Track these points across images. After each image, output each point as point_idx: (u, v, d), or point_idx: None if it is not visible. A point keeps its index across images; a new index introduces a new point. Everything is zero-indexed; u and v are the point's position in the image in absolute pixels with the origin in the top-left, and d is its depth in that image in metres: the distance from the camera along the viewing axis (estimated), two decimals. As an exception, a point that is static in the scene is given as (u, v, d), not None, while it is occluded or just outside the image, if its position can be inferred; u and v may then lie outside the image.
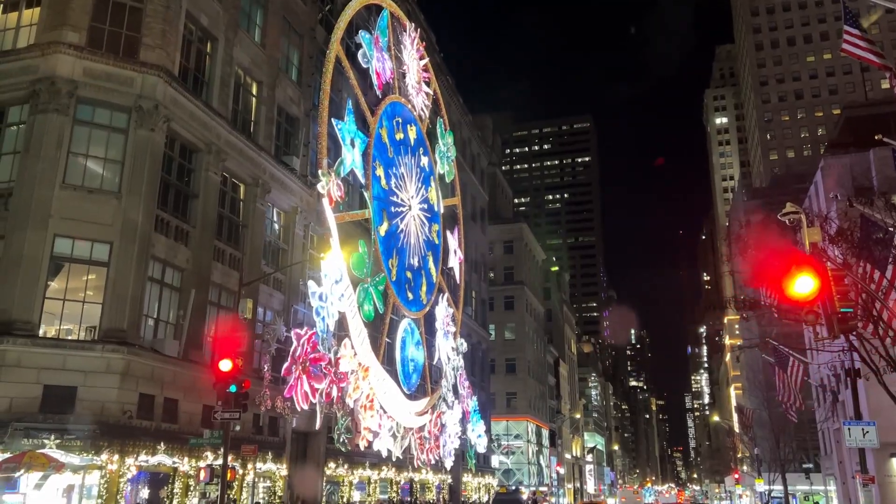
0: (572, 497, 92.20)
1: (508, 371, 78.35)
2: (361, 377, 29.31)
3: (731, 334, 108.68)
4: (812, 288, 13.04)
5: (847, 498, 41.67)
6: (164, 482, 22.99)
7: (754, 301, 23.79)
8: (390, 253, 33.55)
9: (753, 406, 58.41)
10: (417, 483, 43.27)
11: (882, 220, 18.67)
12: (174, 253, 24.44)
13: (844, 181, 36.27)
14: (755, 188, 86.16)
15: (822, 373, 41.83)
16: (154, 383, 22.67)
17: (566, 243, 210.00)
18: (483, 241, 68.07)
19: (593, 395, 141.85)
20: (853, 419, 25.54)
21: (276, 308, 29.74)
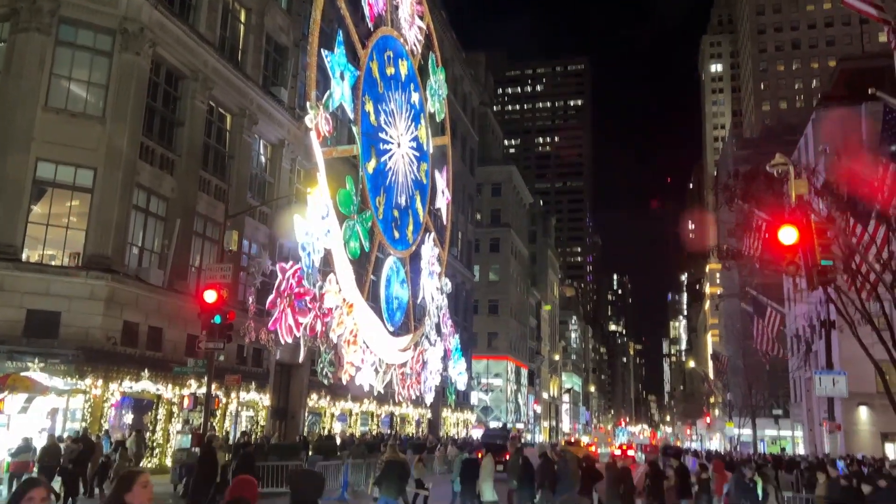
0: (547, 434, 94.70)
1: (491, 312, 79.24)
2: (346, 313, 29.54)
3: (712, 283, 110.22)
4: (795, 239, 13.18)
5: (812, 444, 43.12)
6: (148, 408, 23.33)
7: (737, 251, 24.05)
8: (378, 191, 33.37)
9: (729, 353, 59.82)
10: (398, 416, 44.21)
11: (869, 175, 18.76)
12: (159, 181, 24.18)
13: (835, 134, 36.26)
14: (745, 138, 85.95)
15: (797, 323, 42.71)
16: (138, 311, 22.75)
17: (554, 187, 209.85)
18: (471, 183, 67.82)
19: (573, 338, 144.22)
20: (825, 369, 26.24)
21: (262, 241, 29.70)
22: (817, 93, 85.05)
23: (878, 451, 34.36)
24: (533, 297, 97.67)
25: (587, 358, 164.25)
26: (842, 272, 17.93)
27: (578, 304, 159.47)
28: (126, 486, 4.24)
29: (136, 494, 4.23)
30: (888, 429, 33.70)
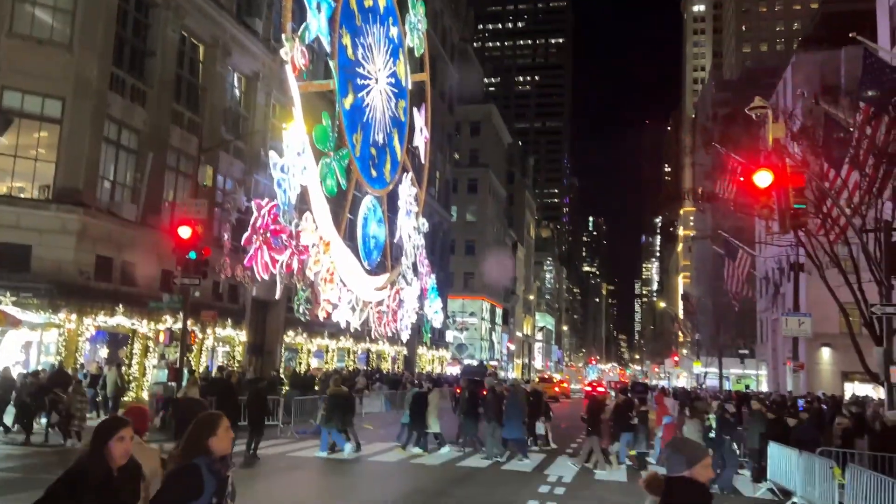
0: (520, 371, 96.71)
1: (468, 252, 79.66)
2: (322, 251, 29.44)
3: (686, 225, 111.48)
4: (770, 183, 13.32)
5: (776, 382, 44.61)
6: (124, 343, 23.35)
7: (712, 193, 24.26)
8: (355, 127, 32.84)
9: (699, 294, 61.02)
10: (374, 353, 44.78)
11: (845, 120, 18.87)
12: (130, 113, 23.60)
13: (813, 78, 36.26)
14: (725, 80, 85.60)
15: (767, 266, 43.57)
16: (112, 245, 22.51)
17: (533, 127, 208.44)
18: (450, 121, 67.13)
19: (548, 279, 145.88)
20: (792, 311, 26.94)
21: (237, 177, 29.30)
22: (798, 35, 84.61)
23: (838, 390, 35.67)
24: (509, 238, 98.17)
25: (561, 298, 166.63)
26: (813, 216, 18.21)
27: (554, 245, 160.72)
28: (211, 429, 3.93)
29: (221, 439, 3.94)
30: (849, 368, 34.89)
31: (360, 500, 11.68)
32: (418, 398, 17.39)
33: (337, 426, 15.86)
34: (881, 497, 9.21)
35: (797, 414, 14.66)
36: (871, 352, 17.44)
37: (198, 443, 3.89)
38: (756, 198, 14.96)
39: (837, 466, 10.88)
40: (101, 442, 3.85)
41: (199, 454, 3.84)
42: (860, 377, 30.71)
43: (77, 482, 3.73)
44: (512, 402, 17.10)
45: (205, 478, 3.77)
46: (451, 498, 11.97)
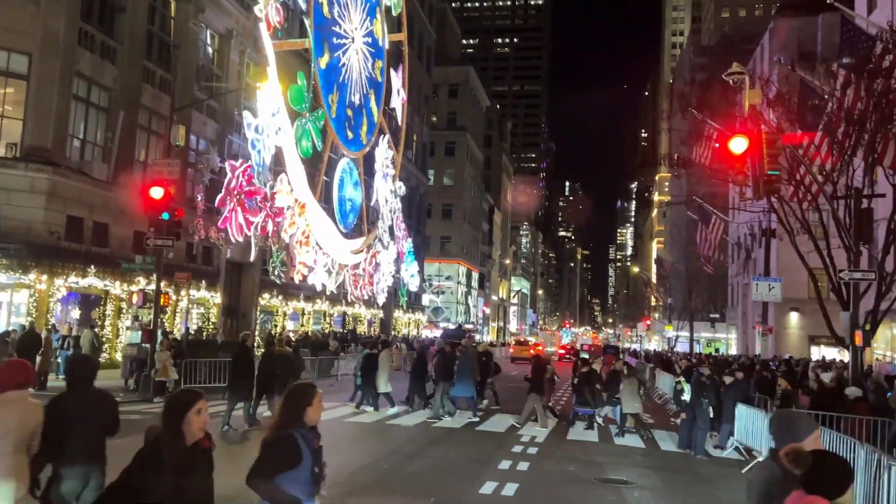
0: (495, 334, 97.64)
1: (444, 216, 79.57)
2: (298, 213, 29.21)
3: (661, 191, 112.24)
4: (745, 149, 13.40)
5: (745, 345, 45.58)
6: (96, 304, 23.12)
7: (687, 159, 24.38)
8: (331, 88, 32.35)
9: (672, 259, 61.72)
10: (350, 316, 44.85)
11: (820, 87, 18.97)
12: (100, 70, 23.01)
13: (790, 45, 36.37)
14: (703, 46, 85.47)
15: (739, 232, 44.16)
16: (82, 206, 22.13)
17: (511, 90, 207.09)
18: (428, 83, 66.40)
19: (523, 243, 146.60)
20: (763, 276, 27.39)
21: (210, 137, 28.83)
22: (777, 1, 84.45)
23: (805, 353, 36.58)
24: (486, 202, 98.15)
25: (536, 262, 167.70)
26: (786, 183, 18.40)
27: (530, 210, 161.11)
28: (308, 400, 4.03)
29: (316, 410, 4.05)
30: (815, 332, 35.74)
31: (338, 461, 11.79)
32: (368, 359, 17.74)
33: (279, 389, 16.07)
34: (843, 456, 9.50)
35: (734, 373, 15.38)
36: (837, 316, 17.83)
37: (295, 413, 3.98)
38: (731, 164, 15.07)
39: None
40: (178, 417, 3.76)
41: (296, 424, 3.94)
42: (826, 341, 31.51)
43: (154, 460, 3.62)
44: (463, 363, 17.58)
45: (301, 448, 3.88)
46: (428, 458, 12.15)
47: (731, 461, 13.39)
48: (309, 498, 3.92)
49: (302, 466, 3.86)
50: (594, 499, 9.74)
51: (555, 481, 10.71)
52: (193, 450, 3.80)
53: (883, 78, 16.78)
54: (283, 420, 3.99)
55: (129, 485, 3.63)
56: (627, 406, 15.74)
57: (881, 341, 28.80)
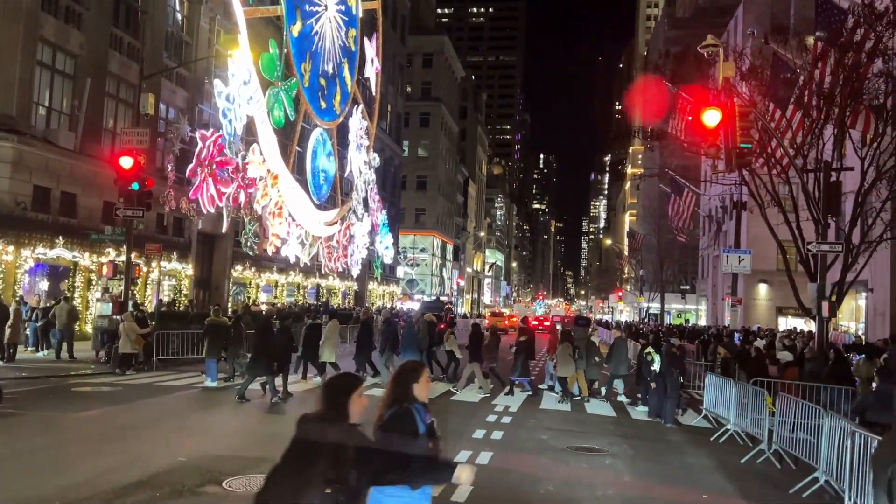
0: (469, 306, 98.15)
1: (419, 188, 79.32)
2: (270, 184, 28.87)
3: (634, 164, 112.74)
4: (718, 121, 13.49)
5: (714, 316, 46.37)
6: (65, 275, 22.75)
7: (661, 132, 24.51)
8: (303, 56, 31.81)
9: (644, 232, 62.35)
10: (324, 288, 44.72)
11: (792, 61, 19.12)
12: (66, 36, 22.37)
13: (763, 18, 36.53)
14: (678, 18, 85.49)
15: (711, 204, 44.65)
16: (49, 175, 21.66)
17: (486, 61, 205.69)
18: (402, 53, 65.66)
19: (498, 215, 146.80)
20: (733, 248, 27.79)
21: (180, 106, 28.29)
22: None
23: (773, 324, 37.33)
24: (461, 174, 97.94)
25: (510, 235, 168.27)
26: (758, 156, 18.59)
27: (505, 182, 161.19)
28: (415, 377, 4.15)
29: (423, 387, 4.14)
30: (783, 303, 36.47)
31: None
32: (311, 329, 17.87)
33: (215, 355, 16.14)
34: (807, 424, 9.76)
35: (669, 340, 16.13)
36: (805, 288, 18.19)
37: (404, 389, 4.11)
38: (704, 136, 15.18)
39: (769, 396, 11.45)
40: (344, 399, 3.73)
41: (407, 399, 4.06)
42: (794, 311, 32.15)
43: (313, 443, 3.55)
44: (408, 333, 17.85)
45: (418, 422, 3.99)
46: (401, 428, 12.23)
47: (700, 429, 13.68)
48: None
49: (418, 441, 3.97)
50: (567, 467, 9.91)
51: (528, 450, 10.86)
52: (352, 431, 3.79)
53: (854, 52, 16.95)
54: (397, 395, 4.12)
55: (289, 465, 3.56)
56: (562, 370, 16.44)
57: (846, 312, 29.48)
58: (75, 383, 15.53)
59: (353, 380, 3.92)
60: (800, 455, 9.89)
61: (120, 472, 8.27)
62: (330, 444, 3.50)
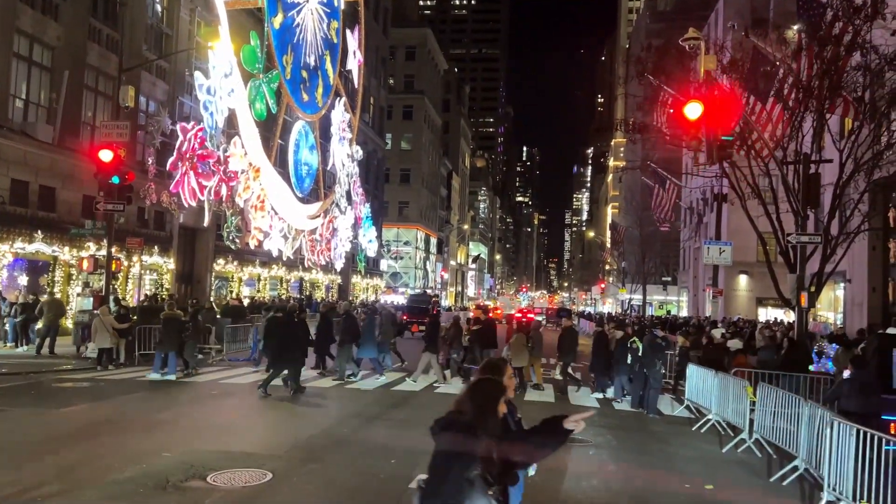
0: (453, 299, 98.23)
1: (402, 181, 79.14)
2: (252, 177, 28.72)
3: (616, 156, 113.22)
4: (699, 114, 13.58)
5: (696, 307, 46.78)
6: (44, 270, 22.49)
7: (643, 124, 24.60)
8: (285, 48, 31.61)
9: (627, 224, 62.68)
10: (307, 282, 44.56)
11: (772, 54, 19.26)
12: (43, 28, 22.04)
13: (744, 11, 36.76)
14: (659, 11, 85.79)
15: (692, 196, 44.99)
16: (27, 169, 21.38)
17: (469, 54, 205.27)
18: (384, 45, 65.36)
19: (482, 208, 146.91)
20: (714, 239, 28.02)
21: (161, 99, 28.01)
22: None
23: (753, 314, 37.75)
24: (444, 167, 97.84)
25: (494, 227, 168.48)
26: (738, 148, 18.73)
27: (488, 175, 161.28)
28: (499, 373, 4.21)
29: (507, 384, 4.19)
30: (763, 294, 36.85)
31: (299, 424, 11.83)
32: (272, 322, 17.79)
33: (170, 349, 16.14)
34: (787, 413, 9.90)
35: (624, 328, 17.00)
36: (784, 279, 18.40)
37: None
38: (686, 129, 15.27)
39: (750, 386, 11.59)
40: (494, 403, 3.79)
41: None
42: (773, 302, 32.50)
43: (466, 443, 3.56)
44: (368, 325, 17.95)
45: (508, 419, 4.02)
46: (388, 421, 12.26)
47: (682, 419, 13.83)
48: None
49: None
50: (551, 458, 9.94)
51: (513, 441, 10.92)
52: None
53: (832, 45, 17.11)
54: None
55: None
56: (516, 360, 16.71)
57: (824, 302, 29.86)
58: (56, 379, 15.38)
59: (500, 386, 3.99)
60: (780, 444, 10.04)
61: (102, 468, 8.22)
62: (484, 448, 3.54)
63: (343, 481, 8.25)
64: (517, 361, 16.74)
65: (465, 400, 3.76)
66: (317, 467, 8.77)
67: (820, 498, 7.97)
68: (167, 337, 16.25)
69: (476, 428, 3.58)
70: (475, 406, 3.71)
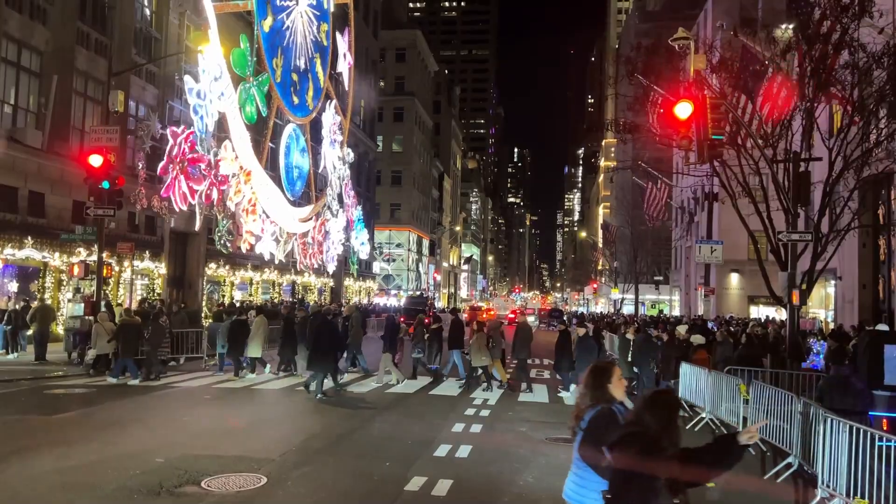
0: (446, 300, 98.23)
1: (394, 183, 79.08)
2: (243, 181, 28.61)
3: (607, 156, 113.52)
4: (689, 114, 13.64)
5: (688, 306, 46.92)
6: (35, 276, 22.35)
7: (634, 124, 24.68)
8: (275, 51, 31.53)
9: (618, 224, 62.88)
10: (300, 285, 44.46)
11: (761, 53, 19.37)
12: (30, 32, 21.92)
13: (733, 10, 36.95)
14: (648, 11, 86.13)
15: (683, 196, 45.15)
16: (16, 174, 21.25)
17: (459, 55, 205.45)
18: (375, 47, 65.34)
19: (473, 210, 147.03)
20: (705, 238, 28.12)
21: (150, 103, 27.90)
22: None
23: (745, 312, 37.89)
24: (436, 169, 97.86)
25: (486, 229, 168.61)
26: (728, 147, 18.82)
27: (480, 176, 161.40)
28: (608, 377, 4.23)
29: (616, 386, 4.22)
30: (755, 292, 36.99)
31: (292, 427, 11.80)
32: (235, 326, 17.90)
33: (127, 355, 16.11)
34: (780, 411, 9.93)
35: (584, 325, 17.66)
36: (776, 277, 18.46)
37: (602, 389, 4.20)
38: (676, 128, 15.33)
39: (743, 384, 11.63)
40: (676, 415, 3.83)
41: (605, 400, 4.15)
42: (765, 301, 32.66)
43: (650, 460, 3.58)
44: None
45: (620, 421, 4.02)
46: (382, 423, 12.24)
47: (675, 417, 13.85)
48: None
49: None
50: (545, 458, 9.97)
51: (507, 442, 10.92)
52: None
53: (821, 44, 17.21)
54: (595, 396, 4.21)
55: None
56: (476, 360, 16.80)
57: (815, 300, 30.01)
58: (48, 385, 15.28)
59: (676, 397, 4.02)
60: (774, 441, 10.07)
61: (96, 474, 8.17)
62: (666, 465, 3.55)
63: (338, 484, 8.23)
64: (476, 361, 16.83)
65: (642, 413, 3.72)
66: (311, 470, 8.74)
67: (814, 495, 7.99)
68: (124, 343, 16.20)
69: (660, 443, 3.60)
70: (658, 420, 3.68)
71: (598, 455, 3.92)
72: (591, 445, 4.03)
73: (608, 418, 4.07)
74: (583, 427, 4.15)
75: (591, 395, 4.23)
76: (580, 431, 4.17)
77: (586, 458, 4.10)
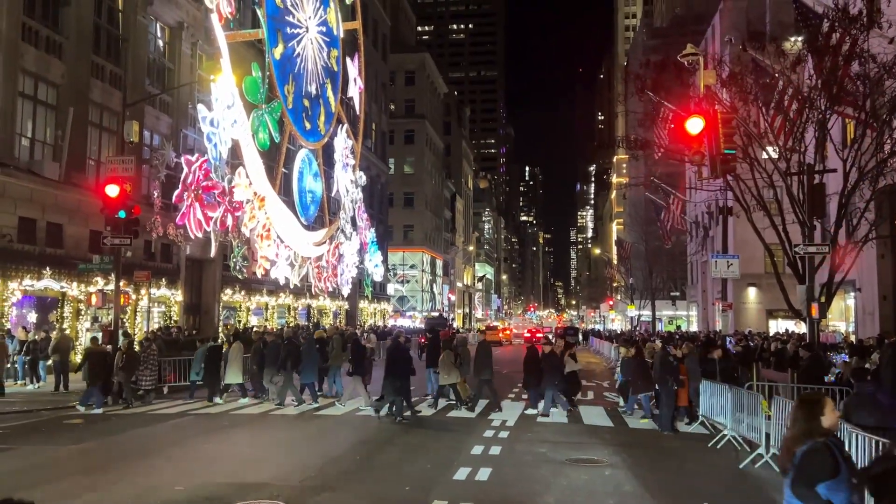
0: (461, 321, 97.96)
1: (406, 204, 79.32)
2: (257, 207, 28.84)
3: (619, 173, 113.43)
4: (701, 129, 13.62)
5: (705, 321, 46.49)
6: (53, 306, 22.55)
7: (645, 141, 24.68)
8: (286, 78, 31.91)
9: (632, 240, 62.59)
10: (315, 309, 44.54)
11: (771, 66, 19.36)
12: (47, 66, 22.31)
13: (740, 25, 37.01)
14: (655, 28, 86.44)
15: (697, 210, 44.94)
16: (34, 206, 21.52)
17: (468, 77, 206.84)
18: (384, 71, 65.92)
19: (486, 229, 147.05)
20: (721, 252, 27.92)
21: (164, 132, 28.24)
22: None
23: (763, 327, 37.48)
24: (448, 190, 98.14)
25: (499, 248, 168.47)
26: (741, 160, 18.76)
27: (492, 196, 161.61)
28: (820, 409, 4.12)
29: (829, 417, 4.10)
30: (773, 306, 36.61)
31: (310, 451, 11.76)
32: (212, 352, 17.90)
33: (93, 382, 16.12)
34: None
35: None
36: (794, 290, 18.29)
37: (815, 421, 4.05)
38: (688, 144, 15.31)
39: (765, 399, 11.47)
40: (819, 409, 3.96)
41: (819, 433, 4.01)
42: (783, 314, 32.31)
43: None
44: (307, 350, 17.72)
45: (838, 457, 3.91)
46: (400, 446, 12.17)
47: (697, 436, 13.68)
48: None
49: (840, 477, 3.90)
50: (567, 479, 9.87)
51: (527, 464, 10.82)
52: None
53: (830, 56, 17.18)
54: (806, 430, 4.08)
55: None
56: (444, 378, 16.73)
57: (835, 312, 29.66)
58: (67, 416, 15.36)
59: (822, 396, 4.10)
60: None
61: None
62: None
63: (358, 510, 8.17)
64: (444, 379, 16.75)
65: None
66: (332, 496, 8.70)
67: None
68: (91, 371, 16.22)
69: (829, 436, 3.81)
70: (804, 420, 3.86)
71: (812, 494, 3.82)
72: (804, 485, 3.90)
73: (822, 454, 3.93)
74: (795, 464, 4.00)
75: (802, 428, 4.08)
76: (792, 468, 4.03)
77: (800, 497, 3.97)
